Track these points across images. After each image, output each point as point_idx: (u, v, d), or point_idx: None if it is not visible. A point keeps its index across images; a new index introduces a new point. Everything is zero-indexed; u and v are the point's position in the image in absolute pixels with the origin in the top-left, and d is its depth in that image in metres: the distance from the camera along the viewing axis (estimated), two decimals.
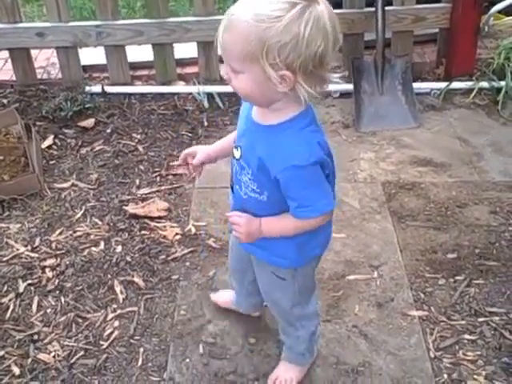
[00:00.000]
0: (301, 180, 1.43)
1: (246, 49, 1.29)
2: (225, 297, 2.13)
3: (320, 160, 1.42)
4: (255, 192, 1.52)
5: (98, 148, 2.98)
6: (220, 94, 3.30)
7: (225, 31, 1.31)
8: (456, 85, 3.30)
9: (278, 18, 1.25)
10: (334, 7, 1.33)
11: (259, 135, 1.46)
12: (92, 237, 2.45)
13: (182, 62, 3.54)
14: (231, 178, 1.63)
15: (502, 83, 3.21)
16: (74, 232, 2.47)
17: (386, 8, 3.11)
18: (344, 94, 3.28)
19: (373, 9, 3.12)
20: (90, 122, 3.13)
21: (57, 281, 2.25)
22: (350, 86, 3.17)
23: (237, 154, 1.53)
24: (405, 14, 3.25)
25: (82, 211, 2.58)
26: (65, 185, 2.75)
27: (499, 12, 3.99)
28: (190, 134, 3.06)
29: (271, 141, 1.42)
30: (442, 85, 3.30)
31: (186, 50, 3.49)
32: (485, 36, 3.65)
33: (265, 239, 1.58)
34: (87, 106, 3.20)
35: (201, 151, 1.75)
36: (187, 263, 2.32)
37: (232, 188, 1.64)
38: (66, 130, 3.11)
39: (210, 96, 3.30)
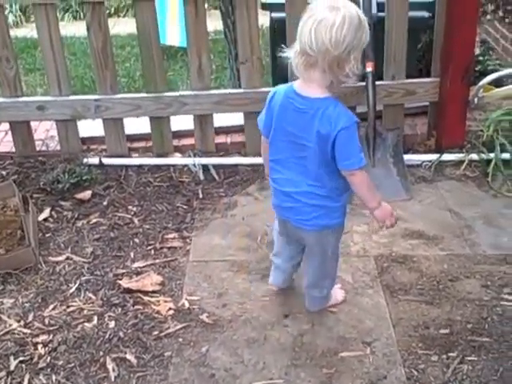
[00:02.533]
0: None
1: None
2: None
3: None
4: None
5: (94, 221, 3.02)
6: (215, 166, 3.37)
7: None
8: (447, 157, 3.36)
9: None
10: None
11: None
12: (85, 312, 2.45)
13: (179, 134, 3.62)
14: None
15: (492, 155, 3.27)
16: (68, 307, 2.48)
17: (377, 83, 3.21)
18: None
19: (364, 83, 3.21)
20: (86, 195, 3.18)
21: (49, 358, 2.24)
22: None
23: None
24: (395, 88, 3.35)
25: (76, 285, 2.59)
26: (60, 258, 2.77)
27: (489, 83, 4.10)
28: (185, 207, 3.10)
29: None
30: (433, 157, 3.36)
31: (182, 122, 3.57)
32: (474, 108, 3.74)
33: None
34: (84, 177, 3.25)
35: None
36: (180, 339, 2.31)
37: None
38: (62, 203, 3.15)
39: (205, 168, 3.36)
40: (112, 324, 2.38)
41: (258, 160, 3.42)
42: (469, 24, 3.17)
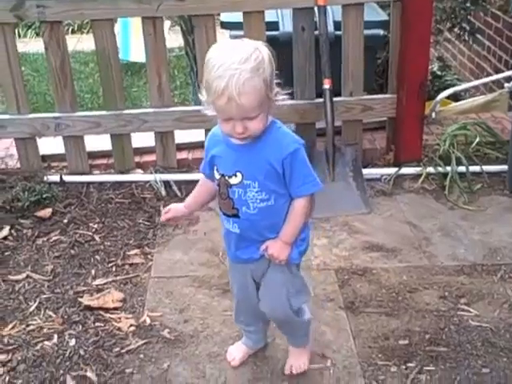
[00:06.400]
0: (299, 161, 1.81)
1: (260, 96, 1.67)
2: (239, 353, 2.27)
3: (303, 143, 1.83)
4: (264, 200, 1.85)
5: (54, 238, 3.00)
6: (177, 182, 3.38)
7: (240, 97, 1.62)
8: (405, 170, 3.43)
9: (259, 57, 1.65)
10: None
11: (253, 150, 1.81)
12: (45, 330, 2.43)
13: (140, 151, 3.62)
14: (231, 207, 1.89)
15: (448, 168, 3.34)
16: (27, 325, 2.45)
17: (335, 99, 3.26)
18: None
19: (322, 99, 3.26)
20: (47, 212, 3.16)
21: (7, 377, 2.21)
22: None
23: (236, 179, 1.84)
24: (353, 104, 3.41)
25: (36, 304, 2.57)
26: (19, 276, 2.74)
27: (447, 98, 4.20)
28: (146, 223, 3.10)
29: (267, 146, 1.80)
30: (392, 170, 3.42)
31: (144, 138, 3.57)
32: (432, 122, 3.82)
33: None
34: (45, 195, 3.23)
35: (173, 210, 2.10)
36: (141, 355, 2.30)
37: (235, 215, 1.90)
38: (22, 221, 3.12)
39: (167, 184, 3.37)
40: (72, 342, 2.37)
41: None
42: (422, 41, 3.24)
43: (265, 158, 1.80)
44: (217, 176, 1.89)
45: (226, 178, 1.85)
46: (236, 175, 1.83)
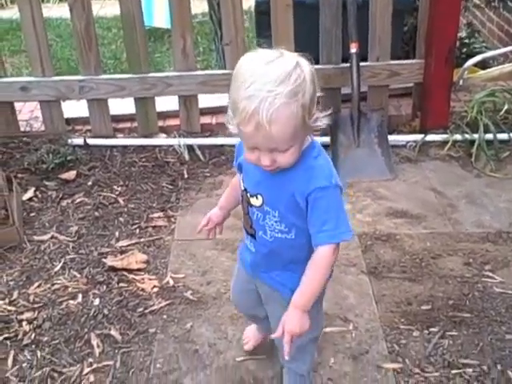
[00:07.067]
0: (326, 202, 1.50)
1: (294, 126, 1.38)
2: (254, 336, 2.15)
3: (338, 184, 1.52)
4: (283, 232, 1.60)
5: (78, 200, 3.02)
6: (200, 147, 3.38)
7: (271, 126, 1.34)
8: (431, 137, 3.38)
9: (300, 78, 1.36)
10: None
11: (279, 176, 1.53)
12: (70, 290, 2.46)
13: (164, 115, 3.61)
14: (249, 225, 1.67)
15: (476, 136, 3.29)
16: (52, 285, 2.48)
17: (361, 64, 3.22)
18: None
19: (348, 64, 3.21)
20: (71, 175, 3.18)
21: (33, 334, 2.25)
22: (327, 139, 3.25)
23: (257, 202, 1.60)
24: (379, 69, 3.36)
25: (61, 264, 2.60)
26: (44, 237, 2.77)
27: (475, 65, 4.12)
28: (170, 186, 3.11)
29: (296, 175, 1.51)
30: (418, 137, 3.38)
31: (167, 102, 3.57)
32: (459, 90, 3.76)
33: (285, 277, 1.67)
34: (69, 158, 3.25)
35: (212, 218, 1.94)
36: (164, 316, 2.32)
37: (253, 235, 1.68)
38: (47, 182, 3.15)
39: (190, 148, 3.37)
40: (97, 301, 2.40)
41: None
42: (452, 5, 3.18)
43: (289, 188, 1.53)
44: (241, 186, 1.67)
45: (248, 195, 1.63)
46: (257, 197, 1.60)
